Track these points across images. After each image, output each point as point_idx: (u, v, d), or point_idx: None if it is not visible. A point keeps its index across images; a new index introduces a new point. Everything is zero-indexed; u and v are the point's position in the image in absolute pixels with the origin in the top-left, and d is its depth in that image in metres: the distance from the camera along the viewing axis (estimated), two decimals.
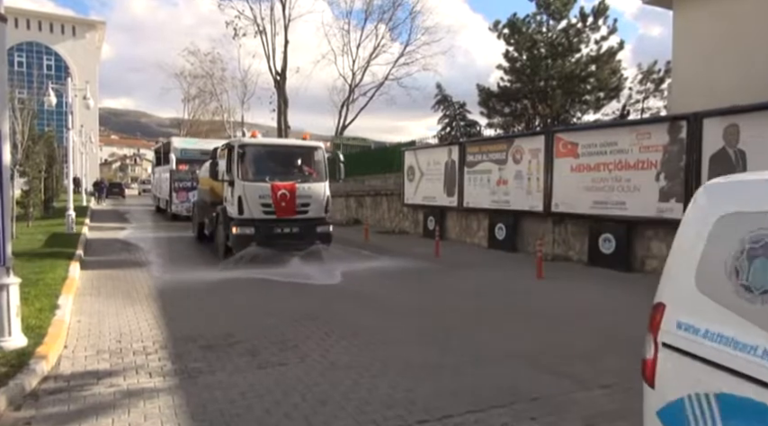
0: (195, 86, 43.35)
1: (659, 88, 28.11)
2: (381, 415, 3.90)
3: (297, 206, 10.91)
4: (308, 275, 9.49)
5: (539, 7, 28.67)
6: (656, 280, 8.41)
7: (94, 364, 4.93)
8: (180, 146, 22.39)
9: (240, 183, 10.73)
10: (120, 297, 7.80)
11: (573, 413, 4.00)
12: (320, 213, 11.29)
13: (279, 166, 11.36)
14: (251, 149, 11.13)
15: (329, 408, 4.03)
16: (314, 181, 11.36)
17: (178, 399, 4.17)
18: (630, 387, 4.47)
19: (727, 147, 8.94)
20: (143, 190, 52.77)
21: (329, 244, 11.42)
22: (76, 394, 4.22)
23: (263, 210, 10.68)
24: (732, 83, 11.75)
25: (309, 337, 5.89)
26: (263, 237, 10.56)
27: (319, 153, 11.80)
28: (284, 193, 10.73)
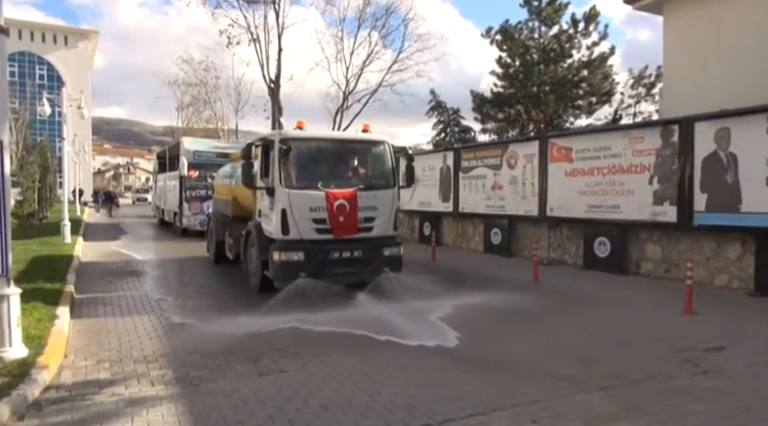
0: (189, 94, 43.31)
1: (650, 92, 28.43)
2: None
3: (359, 221, 8.13)
4: (398, 327, 6.37)
5: (531, 14, 28.95)
6: (650, 282, 8.57)
7: (95, 373, 4.94)
8: (192, 147, 18.72)
9: (284, 191, 7.88)
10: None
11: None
12: (388, 230, 8.46)
13: (334, 168, 8.64)
14: (297, 145, 8.19)
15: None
16: (380, 188, 8.52)
17: (181, 407, 4.19)
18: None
19: (718, 151, 9.06)
20: (137, 200, 52.53)
21: (400, 271, 8.52)
22: (79, 404, 4.22)
23: (314, 228, 7.92)
24: (723, 87, 11.90)
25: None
26: (315, 265, 7.84)
27: (386, 149, 8.87)
28: (343, 204, 7.92)
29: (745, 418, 4.02)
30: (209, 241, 12.96)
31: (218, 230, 11.84)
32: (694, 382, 4.74)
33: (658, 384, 4.70)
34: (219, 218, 11.88)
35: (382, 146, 8.92)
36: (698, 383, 4.71)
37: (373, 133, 9.15)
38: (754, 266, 8.71)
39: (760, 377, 4.90)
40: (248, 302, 8.03)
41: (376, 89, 32.55)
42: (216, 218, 12.21)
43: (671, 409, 4.16)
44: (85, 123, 48.28)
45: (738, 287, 9.03)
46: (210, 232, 12.73)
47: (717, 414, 4.06)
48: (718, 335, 6.27)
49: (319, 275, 7.83)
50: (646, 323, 6.97)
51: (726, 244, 9.31)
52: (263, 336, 6.13)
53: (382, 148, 8.91)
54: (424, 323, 6.67)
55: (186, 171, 17.93)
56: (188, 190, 18.07)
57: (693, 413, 4.08)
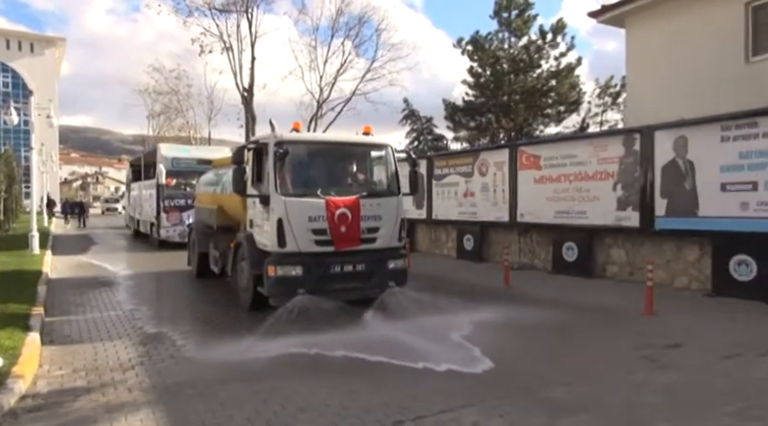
0: (160, 103, 42.87)
1: (616, 102, 29.34)
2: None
3: (362, 231, 7.49)
4: (418, 350, 5.70)
5: (500, 25, 29.65)
6: (615, 285, 8.92)
7: (71, 382, 4.96)
8: (170, 154, 17.77)
9: (280, 199, 7.17)
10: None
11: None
12: (392, 241, 7.83)
13: (334, 173, 8.09)
14: (295, 149, 7.48)
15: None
16: (384, 195, 7.92)
17: (159, 412, 4.27)
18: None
19: (677, 158, 9.51)
20: (107, 209, 51.52)
21: (405, 284, 7.89)
22: (56, 411, 4.27)
23: (314, 240, 7.25)
24: (682, 97, 12.46)
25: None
26: (314, 281, 7.17)
27: (389, 153, 8.25)
28: (344, 213, 7.27)
29: (697, 408, 4.30)
30: (190, 253, 12.08)
31: (200, 242, 11.03)
32: (651, 377, 5.02)
33: (618, 379, 4.97)
34: (202, 229, 11.14)
35: (386, 149, 8.30)
36: (654, 378, 5.00)
37: (377, 137, 8.50)
38: (710, 268, 9.15)
39: (712, 371, 5.20)
40: (243, 323, 7.25)
41: (350, 98, 32.86)
42: (198, 229, 11.38)
43: (627, 401, 4.42)
44: (53, 132, 47.31)
45: (697, 288, 9.46)
46: (192, 243, 11.83)
47: (671, 405, 4.34)
48: (675, 334, 6.61)
49: (319, 291, 7.14)
50: (609, 323, 7.29)
51: (685, 248, 9.75)
52: (267, 364, 5.42)
53: (386, 152, 8.28)
54: (444, 343, 6.01)
55: (164, 179, 17.08)
56: (166, 199, 17.17)
57: (648, 405, 4.34)
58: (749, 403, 4.37)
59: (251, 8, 30.52)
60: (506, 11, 29.41)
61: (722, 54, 12.09)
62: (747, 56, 11.84)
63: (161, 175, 17.06)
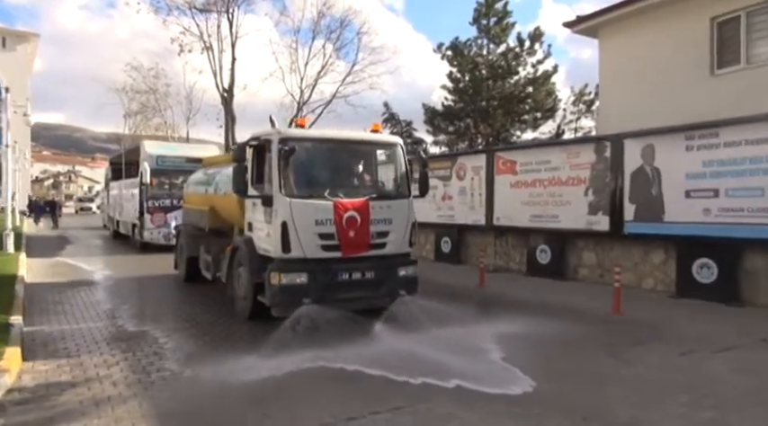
0: (137, 102, 42.34)
1: (590, 109, 30.07)
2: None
3: (371, 236, 7.04)
4: (444, 366, 5.26)
5: (480, 32, 30.16)
6: (586, 287, 9.23)
7: (57, 377, 5.07)
8: (155, 152, 16.91)
9: (284, 201, 6.67)
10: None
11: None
12: (403, 247, 7.40)
13: (341, 173, 7.63)
14: (301, 147, 6.97)
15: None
16: (394, 197, 7.49)
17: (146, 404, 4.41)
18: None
19: (644, 165, 9.94)
20: (81, 209, 50.64)
21: (416, 292, 7.42)
22: (44, 404, 4.39)
23: (320, 245, 6.76)
24: (651, 106, 12.95)
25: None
26: (321, 289, 6.68)
27: (399, 152, 7.75)
28: (353, 216, 6.82)
29: (656, 398, 4.61)
30: (177, 257, 11.49)
31: (189, 245, 10.50)
32: (616, 372, 5.35)
33: (585, 374, 5.27)
34: (192, 232, 10.59)
35: (396, 148, 7.80)
36: (618, 372, 5.33)
37: (386, 135, 8.05)
38: (675, 271, 9.58)
39: (673, 367, 5.55)
40: (245, 336, 6.68)
41: (330, 100, 32.94)
42: (187, 232, 10.82)
43: (594, 392, 4.73)
44: (25, 129, 46.37)
45: (662, 290, 9.89)
46: (180, 247, 11.27)
47: (634, 396, 4.65)
48: (639, 332, 6.98)
49: (325, 300, 6.63)
50: (579, 322, 7.61)
51: (651, 251, 10.19)
52: (284, 384, 4.89)
53: (396, 151, 7.78)
54: (479, 360, 5.58)
55: (149, 178, 16.18)
56: (150, 199, 16.36)
57: (613, 397, 4.65)
58: (702, 393, 4.71)
59: (231, 8, 30.45)
60: (485, 18, 29.95)
61: (689, 66, 12.62)
62: (712, 68, 12.39)
63: (145, 174, 16.20)
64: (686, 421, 4.20)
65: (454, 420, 4.19)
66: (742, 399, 4.64)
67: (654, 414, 4.29)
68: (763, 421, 4.26)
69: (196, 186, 10.88)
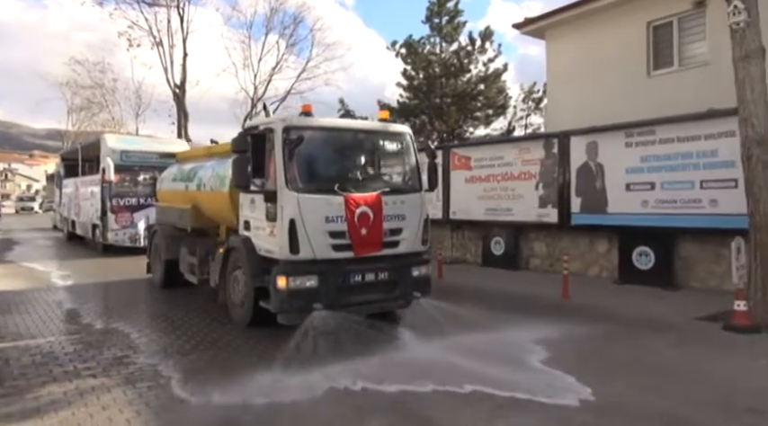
0: (83, 97, 40.83)
1: (539, 106, 31.21)
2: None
3: (384, 234, 6.55)
4: (487, 376, 4.85)
5: (432, 30, 30.74)
6: (537, 276, 9.78)
7: (38, 367, 5.17)
8: (119, 146, 15.66)
9: (291, 196, 6.10)
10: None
11: None
12: (416, 245, 6.90)
13: (351, 166, 7.10)
14: (308, 136, 6.41)
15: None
16: (407, 191, 6.99)
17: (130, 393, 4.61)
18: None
19: (589, 161, 10.67)
20: (22, 209, 48.35)
21: (429, 293, 7.00)
22: (29, 396, 4.50)
23: (331, 244, 6.24)
24: (595, 105, 13.75)
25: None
26: (332, 293, 6.16)
27: (410, 143, 7.27)
28: (365, 212, 6.33)
29: (600, 368, 5.17)
30: (151, 260, 10.59)
31: (167, 247, 9.64)
32: (564, 345, 5.99)
33: (540, 346, 5.86)
34: (169, 232, 9.84)
35: (406, 138, 7.28)
36: (564, 345, 5.98)
37: (396, 124, 7.64)
38: (618, 259, 10.35)
39: (616, 342, 6.20)
40: (251, 349, 5.97)
41: (285, 96, 32.88)
42: (164, 232, 10.00)
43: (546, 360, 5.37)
44: None
45: (606, 276, 10.66)
46: (155, 249, 10.36)
47: (581, 369, 5.19)
48: (585, 313, 7.63)
49: (337, 305, 6.09)
50: (530, 307, 8.20)
51: (597, 241, 10.95)
52: (318, 411, 4.26)
53: (406, 141, 7.26)
54: (518, 367, 5.21)
55: (112, 175, 15.05)
56: (114, 198, 15.20)
57: (561, 361, 5.21)
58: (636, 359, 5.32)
59: (182, 2, 29.86)
60: (437, 17, 30.54)
61: (628, 67, 13.47)
62: (649, 70, 13.30)
63: (108, 170, 15.00)
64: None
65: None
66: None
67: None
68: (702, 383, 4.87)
69: (172, 183, 10.14)
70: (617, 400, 4.47)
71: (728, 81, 7.29)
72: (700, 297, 8.68)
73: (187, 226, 8.96)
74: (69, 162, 20.63)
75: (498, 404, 4.37)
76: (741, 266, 6.64)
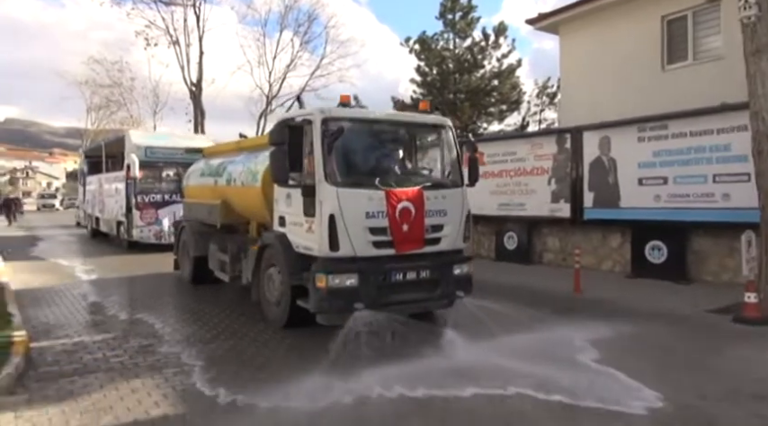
0: (102, 96, 41.54)
1: (553, 101, 31.11)
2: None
3: (426, 230, 6.31)
4: (554, 381, 4.58)
5: (446, 26, 30.77)
6: (550, 270, 9.82)
7: (69, 354, 5.46)
8: (143, 142, 15.46)
9: (331, 191, 5.87)
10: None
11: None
12: (458, 242, 6.68)
13: (390, 159, 6.84)
14: (347, 127, 6.21)
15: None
16: (448, 186, 6.76)
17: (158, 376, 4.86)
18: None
19: (601, 156, 10.73)
20: (43, 206, 49.38)
21: (470, 293, 6.73)
22: (62, 380, 4.77)
23: (371, 241, 6.00)
24: (608, 100, 13.77)
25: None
26: (373, 292, 5.93)
27: (451, 136, 7.00)
28: (407, 208, 6.09)
29: (617, 351, 5.30)
30: (179, 256, 10.46)
31: (197, 243, 9.46)
32: (578, 334, 6.06)
33: (553, 339, 5.95)
34: (198, 228, 9.67)
35: (447, 130, 6.99)
36: (579, 335, 6.03)
37: (436, 115, 7.37)
38: (630, 253, 10.41)
39: (626, 335, 6.23)
40: (289, 351, 5.78)
41: (299, 94, 33.11)
42: (192, 228, 9.83)
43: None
44: None
45: (619, 271, 10.73)
46: (183, 245, 10.21)
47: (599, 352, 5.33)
48: (598, 307, 7.74)
49: (377, 305, 5.85)
50: (544, 300, 8.32)
51: (609, 235, 11.01)
52: (355, 415, 4.09)
53: (447, 134, 6.98)
54: (579, 369, 4.95)
55: (137, 171, 14.85)
56: (139, 194, 15.00)
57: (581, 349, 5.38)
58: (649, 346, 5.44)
59: (198, 1, 30.22)
60: (451, 13, 30.56)
61: (642, 62, 13.46)
62: (663, 64, 13.27)
63: (133, 166, 14.80)
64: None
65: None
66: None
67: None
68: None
69: (200, 178, 9.90)
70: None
71: (743, 75, 7.30)
72: (712, 290, 8.72)
73: (216, 222, 8.76)
74: (93, 158, 20.71)
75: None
76: (751, 259, 6.71)
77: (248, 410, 4.17)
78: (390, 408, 4.21)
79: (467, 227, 6.77)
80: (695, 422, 3.99)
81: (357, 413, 4.12)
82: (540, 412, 4.14)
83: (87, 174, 21.25)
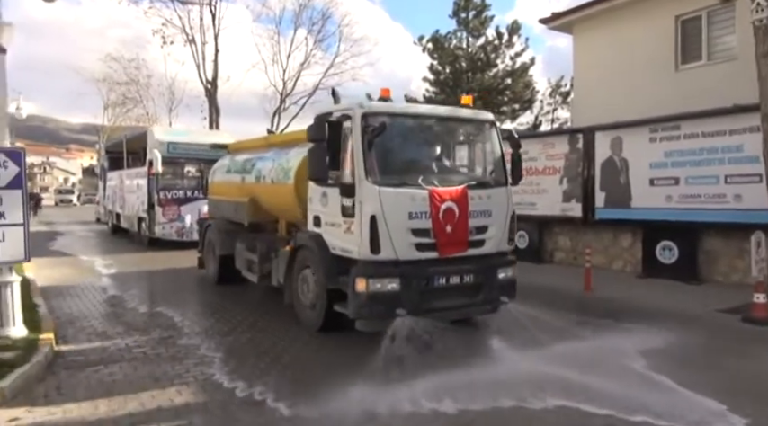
0: (118, 93, 42.12)
1: (566, 101, 31.04)
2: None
3: (470, 232, 6.02)
4: (619, 397, 4.30)
5: (459, 25, 30.83)
6: (561, 269, 9.89)
7: (94, 344, 5.72)
8: (165, 138, 15.31)
9: (373, 190, 5.58)
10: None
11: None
12: (502, 244, 6.40)
13: (432, 156, 6.56)
14: (388, 123, 5.84)
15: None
16: (493, 185, 6.44)
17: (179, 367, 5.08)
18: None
19: (613, 156, 10.78)
20: (61, 201, 50.24)
21: (514, 297, 6.42)
22: (88, 369, 5.01)
23: (414, 243, 5.71)
24: (621, 100, 13.78)
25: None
26: (416, 297, 5.64)
27: (494, 132, 6.70)
28: (450, 208, 5.81)
29: (607, 352, 5.40)
30: (204, 255, 10.24)
31: (223, 242, 9.23)
32: (587, 334, 6.15)
33: (566, 338, 5.95)
34: (224, 226, 9.43)
35: (492, 126, 6.69)
36: (588, 335, 6.13)
37: (479, 110, 6.97)
38: (641, 253, 10.46)
39: (635, 333, 6.29)
40: (333, 358, 5.52)
41: (313, 92, 33.35)
42: (218, 227, 9.61)
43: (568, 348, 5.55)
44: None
45: (630, 270, 10.78)
46: (209, 244, 10.00)
47: (600, 351, 5.45)
48: (608, 306, 7.84)
49: (420, 311, 5.57)
50: (555, 298, 8.42)
51: (620, 235, 11.06)
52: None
53: (491, 130, 6.67)
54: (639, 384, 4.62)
55: (160, 167, 14.55)
56: (162, 190, 14.85)
57: (582, 350, 5.49)
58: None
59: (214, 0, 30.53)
60: (464, 11, 30.61)
61: (656, 62, 13.45)
62: (677, 64, 13.25)
63: (156, 162, 14.46)
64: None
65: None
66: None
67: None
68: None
69: (226, 175, 9.63)
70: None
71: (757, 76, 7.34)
72: (722, 290, 8.77)
73: (244, 220, 8.50)
74: (113, 154, 20.55)
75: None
76: (761, 260, 6.77)
77: (265, 404, 4.27)
78: (434, 422, 4.00)
79: (512, 229, 6.50)
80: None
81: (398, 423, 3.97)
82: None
83: (108, 170, 21.25)
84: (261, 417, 4.08)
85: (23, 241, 4.78)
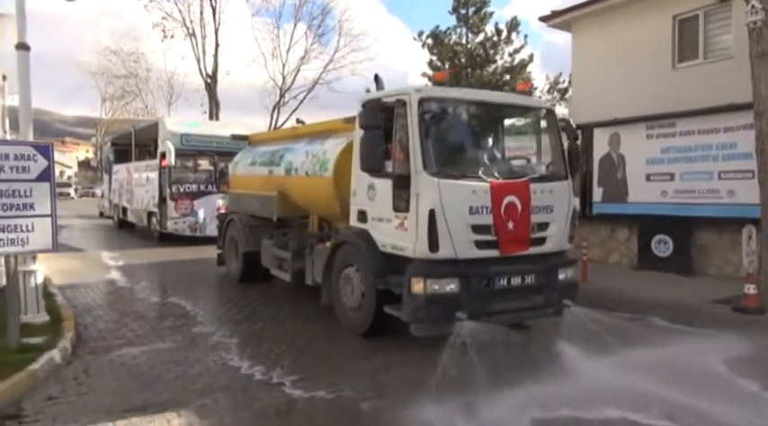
0: (117, 86, 42.12)
1: (564, 97, 31.28)
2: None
3: (532, 229, 5.56)
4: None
5: (458, 21, 31.03)
6: None
7: (113, 331, 5.96)
8: (178, 130, 14.50)
9: (431, 182, 5.12)
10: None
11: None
12: (563, 243, 5.93)
13: (491, 146, 6.21)
14: (447, 110, 5.53)
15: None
16: (554, 179, 5.94)
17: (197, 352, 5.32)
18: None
19: (611, 152, 11.06)
20: (59, 194, 50.22)
21: (575, 300, 5.89)
22: (113, 354, 5.25)
23: (474, 241, 5.26)
24: (619, 97, 14.02)
25: None
26: (476, 300, 5.21)
27: (554, 121, 6.20)
28: (512, 203, 5.36)
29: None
30: (225, 252, 9.74)
31: (247, 238, 8.78)
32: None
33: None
34: (248, 222, 8.93)
35: (551, 115, 6.20)
36: (580, 324, 6.30)
37: (536, 98, 6.35)
38: (637, 246, 10.76)
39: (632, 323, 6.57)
40: (391, 367, 5.04)
41: (312, 86, 33.50)
42: (241, 222, 9.06)
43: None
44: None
45: (626, 263, 11.08)
46: (230, 240, 9.50)
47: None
48: (602, 295, 8.12)
49: (480, 314, 5.13)
50: None
51: (617, 229, 11.36)
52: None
53: (551, 119, 6.17)
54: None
55: (173, 159, 13.83)
56: (174, 184, 14.16)
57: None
58: None
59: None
60: (464, 7, 30.80)
61: (653, 60, 13.66)
62: (674, 62, 13.49)
63: (169, 154, 13.70)
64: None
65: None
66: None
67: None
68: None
69: (250, 167, 9.10)
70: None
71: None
72: (715, 282, 9.08)
73: (273, 215, 7.93)
74: (120, 147, 19.68)
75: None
76: (752, 252, 7.06)
77: (282, 387, 4.48)
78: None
79: (573, 226, 6.06)
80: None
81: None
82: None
83: (114, 163, 20.23)
84: (282, 397, 4.33)
85: (51, 231, 4.99)
